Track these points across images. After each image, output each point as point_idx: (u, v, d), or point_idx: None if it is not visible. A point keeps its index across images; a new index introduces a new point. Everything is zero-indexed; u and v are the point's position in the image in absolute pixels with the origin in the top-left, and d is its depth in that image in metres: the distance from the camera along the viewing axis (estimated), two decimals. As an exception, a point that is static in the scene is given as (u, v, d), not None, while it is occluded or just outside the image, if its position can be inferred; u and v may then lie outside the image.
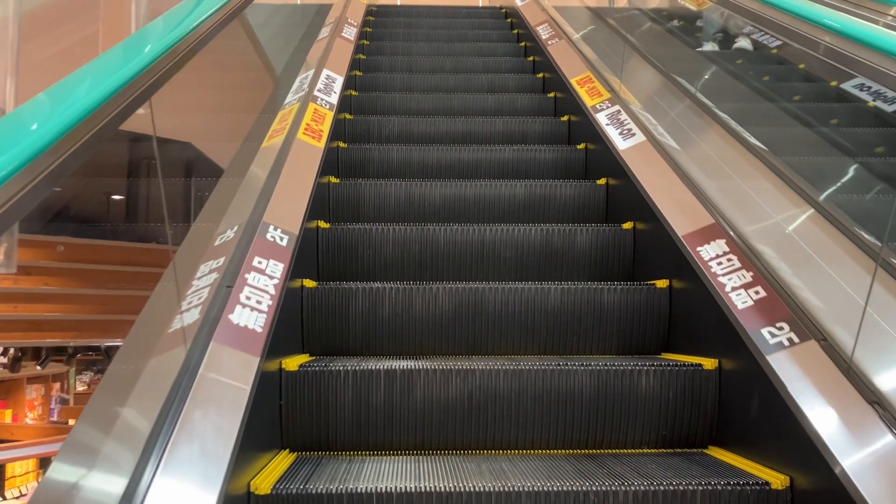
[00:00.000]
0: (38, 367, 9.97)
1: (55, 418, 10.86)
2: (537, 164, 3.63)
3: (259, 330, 1.86)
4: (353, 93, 4.42)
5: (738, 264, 2.12)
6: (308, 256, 2.63)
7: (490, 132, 4.03)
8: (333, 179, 3.25)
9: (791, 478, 1.64)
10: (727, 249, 2.20)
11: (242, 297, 1.91)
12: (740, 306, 1.97)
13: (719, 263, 2.16)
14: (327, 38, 4.74)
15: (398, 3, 7.95)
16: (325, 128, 3.31)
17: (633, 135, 3.14)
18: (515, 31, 6.17)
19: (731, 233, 2.27)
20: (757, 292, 1.99)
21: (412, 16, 6.97)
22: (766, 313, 1.91)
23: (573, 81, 4.00)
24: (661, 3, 5.45)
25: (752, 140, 2.76)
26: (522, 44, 5.74)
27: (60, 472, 1.62)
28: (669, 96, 3.65)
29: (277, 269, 2.12)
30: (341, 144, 3.66)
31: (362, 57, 5.25)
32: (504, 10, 6.90)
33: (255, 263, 2.07)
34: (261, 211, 2.32)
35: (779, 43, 3.34)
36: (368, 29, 6.03)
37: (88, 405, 2.38)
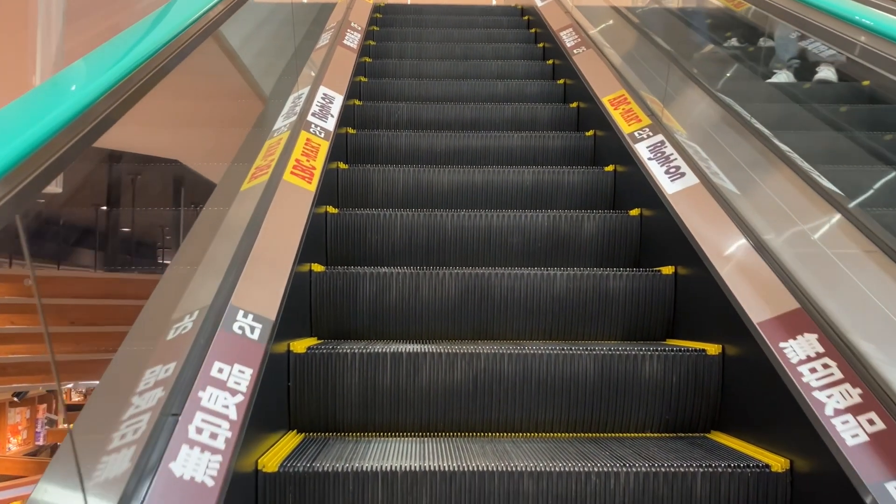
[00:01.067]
0: (16, 399, 9.13)
1: (41, 442, 9.72)
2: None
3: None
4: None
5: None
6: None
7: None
8: (342, 165, 3.27)
9: (791, 461, 1.65)
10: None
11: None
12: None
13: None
14: (326, 47, 4.19)
15: (408, 2, 7.28)
16: (318, 164, 2.82)
17: (682, 174, 2.66)
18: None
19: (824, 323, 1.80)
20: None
21: (423, 13, 6.41)
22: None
23: (605, 101, 3.49)
24: (717, 17, 4.03)
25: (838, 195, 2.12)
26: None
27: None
28: (725, 128, 2.92)
29: (243, 380, 1.62)
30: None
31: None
32: (519, 7, 6.43)
33: (212, 373, 1.58)
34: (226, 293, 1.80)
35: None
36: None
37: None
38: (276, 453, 1.74)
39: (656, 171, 2.77)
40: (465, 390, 2.08)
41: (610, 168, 2.93)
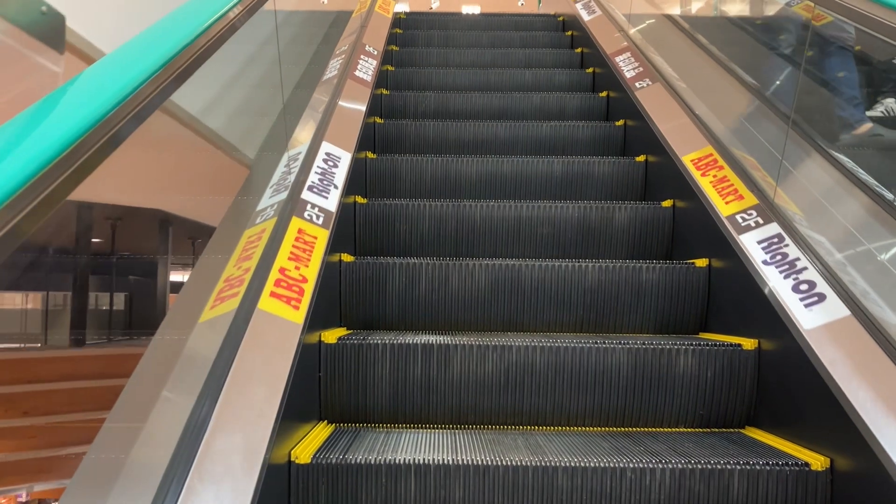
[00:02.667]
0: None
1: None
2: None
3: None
4: (370, 155, 3.29)
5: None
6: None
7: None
8: (370, 155, 3.26)
9: (831, 459, 1.62)
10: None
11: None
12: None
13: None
14: (334, 80, 3.42)
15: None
16: (312, 273, 2.04)
17: (822, 298, 1.86)
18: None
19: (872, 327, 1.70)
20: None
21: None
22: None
23: (687, 161, 2.69)
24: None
25: None
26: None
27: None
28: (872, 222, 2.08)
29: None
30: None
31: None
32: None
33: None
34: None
35: None
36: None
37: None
38: (308, 444, 1.74)
39: (779, 286, 1.98)
40: (496, 383, 2.06)
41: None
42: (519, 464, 1.65)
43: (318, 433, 1.90)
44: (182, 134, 2.08)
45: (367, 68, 3.83)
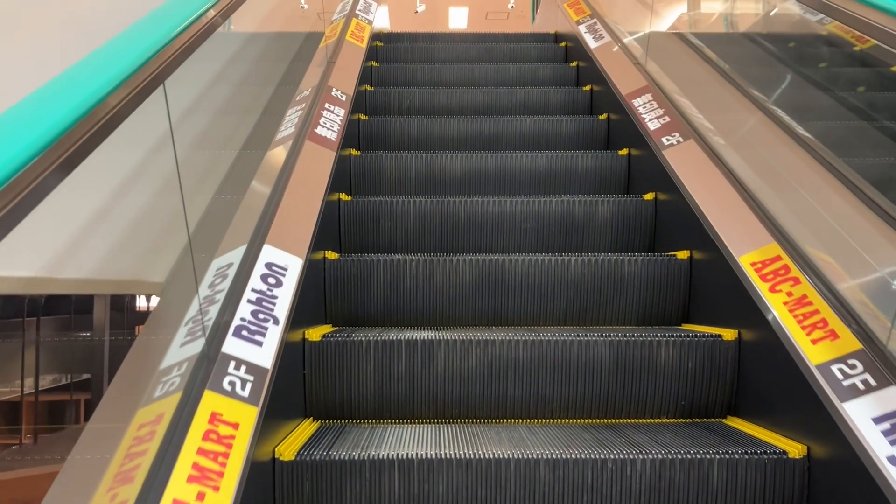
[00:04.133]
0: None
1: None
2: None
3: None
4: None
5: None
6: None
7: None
8: (354, 152, 3.27)
9: (808, 447, 1.65)
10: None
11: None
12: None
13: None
14: (289, 143, 2.64)
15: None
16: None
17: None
18: (588, 89, 4.01)
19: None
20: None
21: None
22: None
23: (746, 263, 2.02)
24: None
25: None
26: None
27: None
28: None
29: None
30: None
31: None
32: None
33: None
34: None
35: None
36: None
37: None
38: (292, 441, 1.75)
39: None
40: (479, 377, 2.08)
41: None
42: (501, 457, 1.67)
43: (303, 430, 1.91)
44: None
45: (332, 121, 3.02)
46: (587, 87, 4.03)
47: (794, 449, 1.66)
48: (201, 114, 2.62)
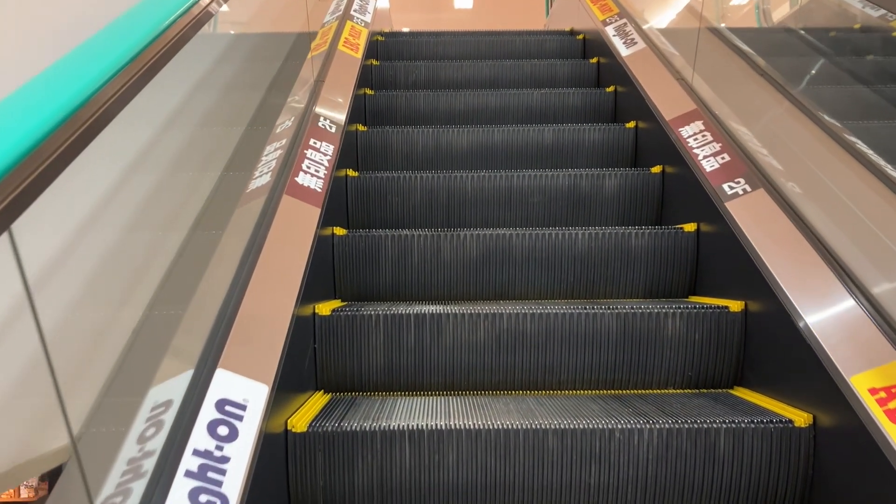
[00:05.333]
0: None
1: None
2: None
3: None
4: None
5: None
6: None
7: None
8: (361, 127, 3.27)
9: (814, 416, 1.66)
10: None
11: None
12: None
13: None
14: (261, 203, 2.11)
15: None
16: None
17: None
18: (632, 126, 3.21)
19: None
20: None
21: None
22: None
23: (861, 390, 1.51)
24: None
25: None
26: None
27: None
28: None
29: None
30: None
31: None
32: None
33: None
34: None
35: None
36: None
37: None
38: (304, 413, 1.78)
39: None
40: (488, 349, 2.10)
41: (691, 228, 2.30)
42: (510, 427, 1.69)
43: (315, 403, 1.94)
44: None
45: (318, 163, 2.45)
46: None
47: (801, 418, 1.67)
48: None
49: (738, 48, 2.88)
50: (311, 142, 2.55)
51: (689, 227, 2.44)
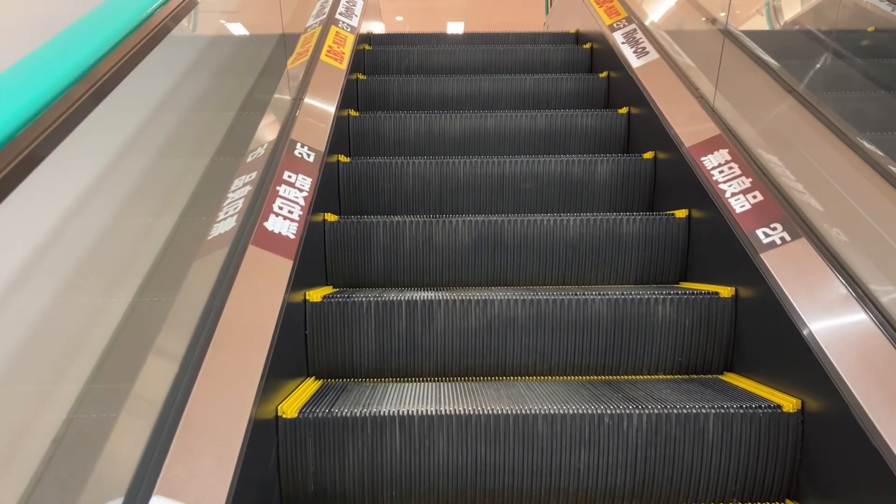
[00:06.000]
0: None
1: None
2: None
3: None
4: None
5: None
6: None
7: None
8: (353, 112, 3.25)
9: (802, 401, 1.67)
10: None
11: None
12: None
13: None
14: (222, 255, 1.79)
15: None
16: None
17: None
18: (651, 157, 2.80)
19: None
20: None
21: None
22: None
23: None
24: None
25: None
26: (684, 215, 2.43)
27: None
28: None
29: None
30: (342, 159, 2.69)
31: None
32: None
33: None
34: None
35: None
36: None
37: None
38: (295, 400, 1.78)
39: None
40: (479, 335, 2.10)
41: (682, 214, 2.24)
42: (500, 412, 1.70)
43: (306, 389, 1.94)
44: None
45: (292, 203, 2.11)
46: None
47: (789, 403, 1.68)
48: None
49: (761, 60, 2.59)
50: (286, 175, 2.23)
51: (681, 214, 2.44)
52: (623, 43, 3.37)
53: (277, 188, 2.13)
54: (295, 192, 2.17)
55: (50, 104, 1.27)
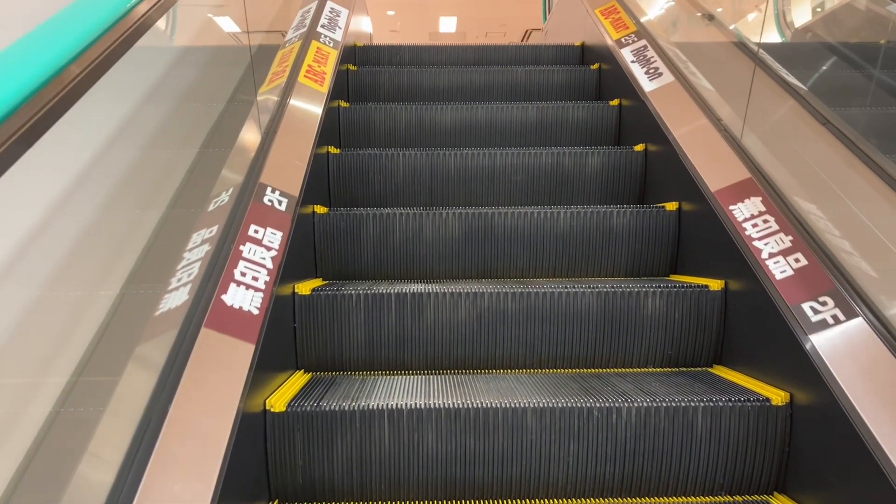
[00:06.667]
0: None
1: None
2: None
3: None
4: None
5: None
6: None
7: None
8: (343, 104, 3.23)
9: (791, 394, 1.67)
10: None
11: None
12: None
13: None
14: (169, 340, 1.47)
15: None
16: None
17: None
18: (672, 207, 2.43)
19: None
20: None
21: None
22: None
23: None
24: None
25: None
26: (670, 207, 2.41)
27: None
28: None
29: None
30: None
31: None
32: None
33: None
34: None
35: None
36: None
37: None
38: (283, 393, 1.77)
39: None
40: (468, 329, 2.10)
41: (672, 206, 2.17)
42: (489, 406, 1.69)
43: (294, 382, 1.93)
44: None
45: (257, 268, 1.77)
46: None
47: (778, 396, 1.68)
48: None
49: (790, 86, 2.25)
50: (252, 230, 1.86)
51: (671, 206, 2.44)
52: (633, 62, 3.04)
53: (241, 248, 1.78)
54: (262, 252, 1.82)
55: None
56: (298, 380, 1.97)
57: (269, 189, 2.04)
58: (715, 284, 2.07)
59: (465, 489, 1.71)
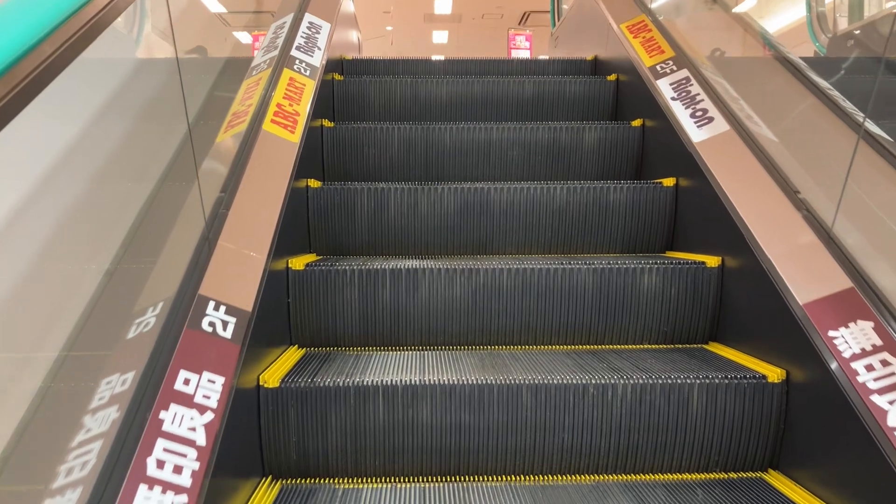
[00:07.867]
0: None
1: None
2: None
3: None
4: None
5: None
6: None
7: None
8: (337, 76, 3.19)
9: (787, 371, 1.67)
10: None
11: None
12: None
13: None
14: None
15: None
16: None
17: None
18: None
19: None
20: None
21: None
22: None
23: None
24: None
25: None
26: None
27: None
28: None
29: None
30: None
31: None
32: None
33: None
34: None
35: None
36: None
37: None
38: (277, 369, 1.76)
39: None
40: (464, 305, 2.08)
41: (669, 182, 2.14)
42: (484, 382, 1.68)
43: (288, 358, 1.92)
44: None
45: (180, 453, 1.19)
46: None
47: (774, 373, 1.68)
48: None
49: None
50: (181, 380, 1.30)
51: (668, 182, 2.42)
52: (674, 99, 2.42)
53: (161, 414, 1.21)
54: (192, 416, 1.24)
55: None
56: (292, 355, 1.96)
57: (211, 305, 1.47)
58: (711, 261, 2.05)
59: (460, 465, 1.70)
